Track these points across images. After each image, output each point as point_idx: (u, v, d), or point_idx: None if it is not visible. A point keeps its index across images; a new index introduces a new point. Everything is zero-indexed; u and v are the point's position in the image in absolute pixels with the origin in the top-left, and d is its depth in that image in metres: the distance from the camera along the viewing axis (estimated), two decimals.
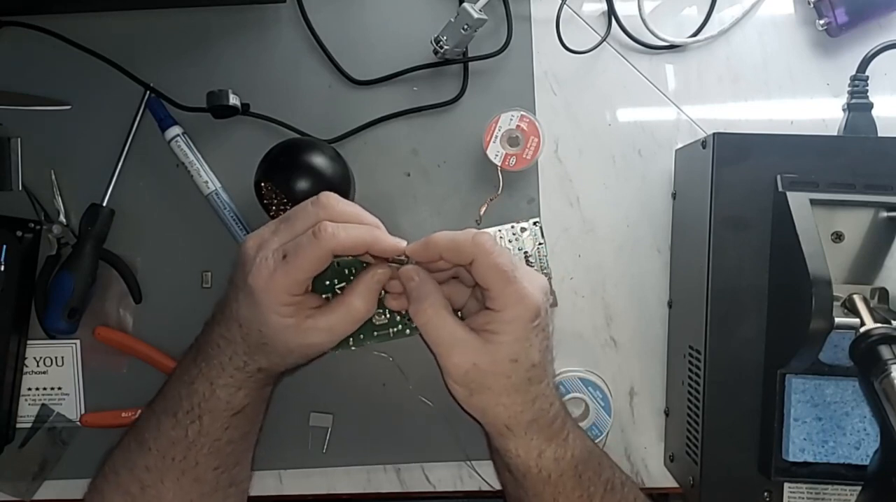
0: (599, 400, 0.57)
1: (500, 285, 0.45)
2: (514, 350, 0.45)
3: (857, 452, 0.49)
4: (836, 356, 0.50)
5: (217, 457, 0.49)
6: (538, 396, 0.47)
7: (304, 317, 0.46)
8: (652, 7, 0.61)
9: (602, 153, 0.61)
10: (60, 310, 0.57)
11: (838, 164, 0.51)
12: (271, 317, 0.46)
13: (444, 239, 0.46)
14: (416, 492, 0.61)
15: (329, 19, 0.60)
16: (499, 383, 0.46)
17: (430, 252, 0.47)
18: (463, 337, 0.46)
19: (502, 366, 0.45)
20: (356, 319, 0.48)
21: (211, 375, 0.48)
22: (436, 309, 0.46)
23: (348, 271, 0.59)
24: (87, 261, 0.58)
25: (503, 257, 0.46)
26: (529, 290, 0.46)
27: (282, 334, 0.46)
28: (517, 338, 0.45)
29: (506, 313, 0.45)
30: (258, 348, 0.47)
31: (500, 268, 0.45)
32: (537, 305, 0.46)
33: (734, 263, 0.51)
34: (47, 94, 0.60)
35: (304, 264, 0.45)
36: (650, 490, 0.62)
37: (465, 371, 0.46)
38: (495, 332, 0.45)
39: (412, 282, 0.47)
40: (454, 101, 0.60)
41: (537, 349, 0.46)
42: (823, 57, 0.61)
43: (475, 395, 0.46)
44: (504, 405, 0.46)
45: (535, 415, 0.47)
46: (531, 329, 0.46)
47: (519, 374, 0.46)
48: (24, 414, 0.60)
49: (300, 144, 0.56)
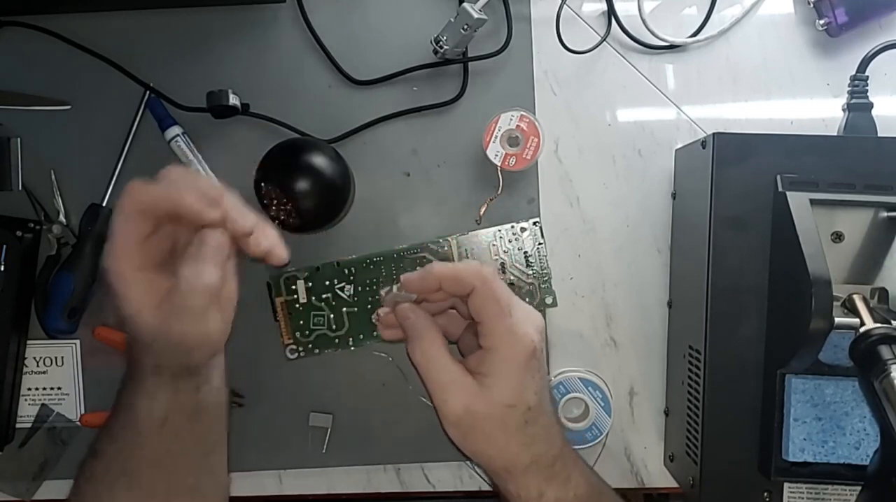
0: (599, 400, 0.57)
1: (493, 319, 0.44)
2: (508, 394, 0.44)
3: (857, 452, 0.49)
4: (836, 356, 0.50)
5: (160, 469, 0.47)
6: (536, 438, 0.46)
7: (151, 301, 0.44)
8: (652, 7, 0.61)
9: (602, 153, 0.61)
10: (61, 310, 0.57)
11: (838, 164, 0.51)
12: (122, 301, 0.43)
13: (445, 268, 0.46)
14: (416, 492, 0.61)
15: (329, 19, 0.60)
16: (494, 427, 0.45)
17: (429, 282, 0.46)
18: (458, 378, 0.45)
19: (497, 409, 0.44)
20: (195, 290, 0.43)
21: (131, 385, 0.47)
22: (433, 348, 0.45)
23: (348, 271, 0.60)
24: (87, 261, 0.58)
25: (502, 291, 0.45)
26: (523, 328, 0.45)
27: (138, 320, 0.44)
28: (511, 381, 0.44)
29: (499, 352, 0.44)
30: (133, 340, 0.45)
31: (496, 302, 0.44)
32: (532, 344, 0.45)
33: (734, 263, 0.51)
34: (47, 94, 0.60)
35: (123, 227, 0.43)
36: (650, 490, 0.62)
37: (458, 414, 0.44)
38: (489, 375, 0.44)
39: (408, 320, 0.47)
40: (454, 101, 0.60)
41: (533, 391, 0.45)
42: (823, 57, 0.61)
43: (470, 439, 0.45)
44: (500, 449, 0.45)
45: (534, 458, 0.46)
46: (526, 370, 0.45)
47: (515, 418, 0.45)
48: (24, 414, 0.60)
49: (300, 144, 0.56)
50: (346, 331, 0.60)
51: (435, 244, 0.60)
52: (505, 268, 0.60)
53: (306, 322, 0.60)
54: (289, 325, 0.60)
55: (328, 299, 0.60)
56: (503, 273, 0.60)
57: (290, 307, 0.59)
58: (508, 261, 0.60)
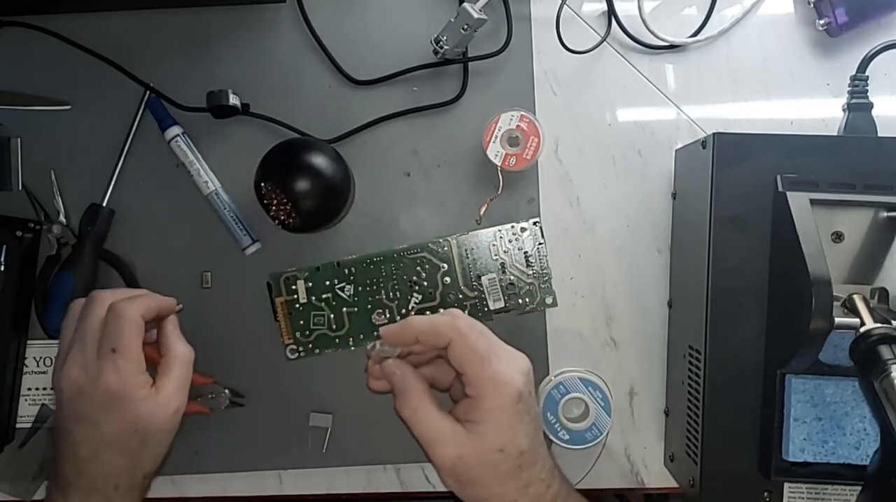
0: (599, 400, 0.57)
1: (475, 369, 0.45)
2: (498, 440, 0.45)
3: (857, 452, 0.49)
4: (836, 356, 0.50)
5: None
6: (531, 481, 0.46)
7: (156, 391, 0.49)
8: (652, 7, 0.61)
9: (602, 153, 0.61)
10: (61, 311, 0.57)
11: (838, 164, 0.51)
12: (139, 406, 0.47)
13: (422, 323, 0.46)
14: (416, 492, 0.61)
15: (329, 19, 0.60)
16: (487, 474, 0.45)
17: (407, 335, 0.47)
18: (446, 429, 0.45)
19: (489, 456, 0.45)
20: (189, 362, 0.52)
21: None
22: (418, 403, 0.46)
23: (348, 271, 0.60)
24: (87, 261, 0.58)
25: (480, 341, 0.45)
26: (507, 375, 0.45)
27: (155, 417, 0.48)
28: (500, 427, 0.45)
29: (485, 401, 0.45)
30: (140, 453, 0.48)
31: (475, 352, 0.45)
32: (517, 389, 0.45)
33: (734, 263, 0.51)
34: (47, 94, 0.60)
35: (131, 342, 0.48)
36: (650, 490, 0.62)
37: (451, 464, 0.45)
38: (478, 422, 0.45)
39: (394, 376, 0.47)
40: (454, 101, 0.60)
41: (524, 434, 0.45)
42: (823, 57, 0.61)
43: (466, 488, 0.46)
44: (497, 495, 0.45)
45: (532, 500, 0.46)
46: (514, 415, 0.45)
47: (507, 463, 0.45)
48: (24, 414, 0.60)
49: (300, 144, 0.56)
50: (346, 331, 0.60)
51: (435, 244, 0.60)
52: (505, 268, 0.60)
53: (306, 322, 0.60)
54: (289, 325, 0.60)
55: (328, 299, 0.60)
56: (503, 273, 0.60)
57: (290, 307, 0.59)
58: (508, 261, 0.60)
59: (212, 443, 0.60)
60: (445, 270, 0.60)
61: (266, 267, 0.60)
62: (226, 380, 0.59)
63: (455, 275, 0.60)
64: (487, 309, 0.60)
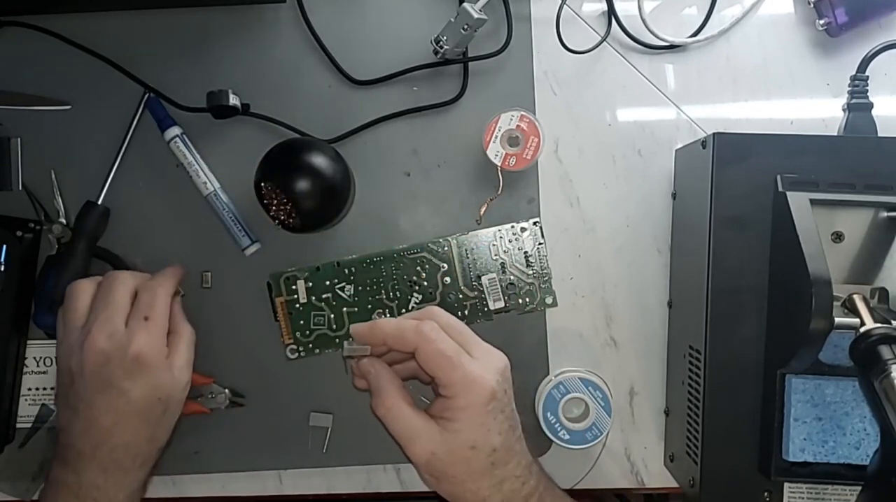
0: (599, 400, 0.57)
1: (444, 373, 0.45)
2: (470, 437, 0.45)
3: (857, 452, 0.49)
4: (836, 356, 0.50)
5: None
6: (505, 478, 0.47)
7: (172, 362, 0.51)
8: (652, 7, 0.61)
9: (602, 153, 0.61)
10: (43, 306, 0.57)
11: (838, 164, 0.51)
12: (165, 374, 0.50)
13: (389, 326, 0.47)
14: (416, 492, 0.61)
15: (329, 19, 0.60)
16: (460, 471, 0.46)
17: (375, 337, 0.48)
18: (420, 427, 0.46)
19: (461, 453, 0.46)
20: (194, 341, 0.55)
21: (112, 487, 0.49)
22: (392, 401, 0.47)
23: (348, 271, 0.60)
24: (78, 258, 0.57)
25: (446, 343, 0.46)
26: (478, 374, 0.45)
27: (174, 386, 0.51)
28: (472, 425, 0.45)
29: (457, 400, 0.45)
30: (160, 421, 0.50)
31: (443, 356, 0.45)
32: (490, 389, 0.45)
33: (734, 263, 0.51)
34: (47, 94, 0.60)
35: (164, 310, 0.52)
36: (650, 490, 0.62)
37: (426, 461, 0.46)
38: (451, 420, 0.46)
39: (369, 375, 0.48)
40: (454, 101, 0.60)
41: (497, 432, 0.46)
42: (823, 57, 0.61)
43: (441, 483, 0.47)
44: (471, 491, 0.47)
45: (506, 497, 0.47)
46: (486, 413, 0.45)
47: (480, 460, 0.46)
48: (24, 414, 0.60)
49: (300, 144, 0.56)
50: (346, 331, 0.60)
51: (435, 244, 0.60)
52: (505, 268, 0.60)
53: (306, 322, 0.60)
54: (289, 325, 0.59)
55: (328, 299, 0.60)
56: (503, 273, 0.60)
57: (290, 307, 0.59)
58: (508, 261, 0.60)
59: (212, 443, 0.60)
60: (445, 270, 0.60)
61: (266, 267, 0.60)
62: (226, 380, 0.59)
63: (455, 275, 0.60)
64: (487, 309, 0.60)
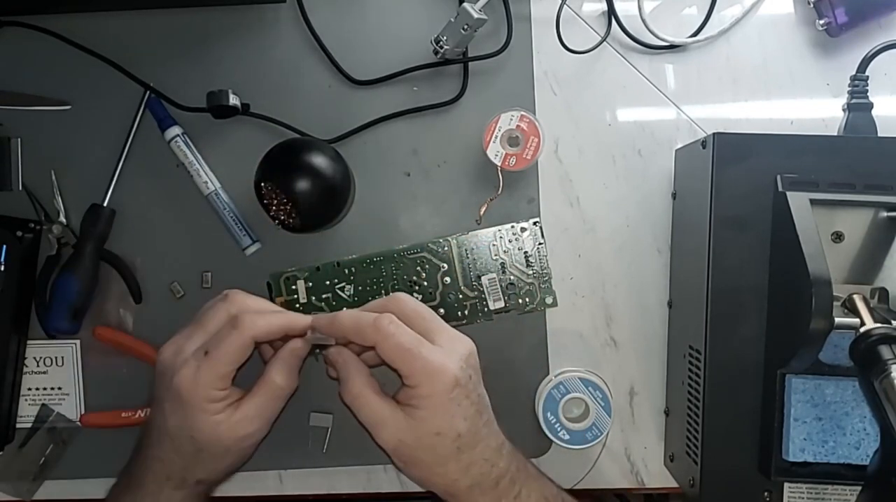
0: (599, 400, 0.57)
1: (405, 364, 0.46)
2: (435, 424, 0.46)
3: (857, 452, 0.49)
4: (836, 356, 0.50)
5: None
6: (473, 462, 0.47)
7: (231, 410, 0.47)
8: (652, 7, 0.61)
9: (602, 153, 0.61)
10: (65, 312, 0.57)
11: (838, 164, 0.51)
12: (200, 417, 0.46)
13: (348, 319, 0.47)
14: (416, 492, 0.61)
15: (329, 19, 0.60)
16: (427, 456, 0.47)
17: (336, 330, 0.48)
18: (387, 414, 0.47)
19: (427, 439, 0.46)
20: (281, 396, 0.49)
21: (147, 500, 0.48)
22: (359, 389, 0.48)
23: (348, 271, 0.60)
24: (88, 262, 0.58)
25: (404, 336, 0.46)
26: (439, 363, 0.46)
27: (214, 434, 0.47)
28: (436, 412, 0.46)
29: (420, 389, 0.46)
30: (194, 458, 0.48)
31: (402, 348, 0.46)
32: (452, 376, 0.46)
33: (734, 263, 0.51)
34: (47, 94, 0.60)
35: (226, 356, 0.46)
36: (650, 490, 0.62)
37: (393, 447, 0.47)
38: (416, 407, 0.46)
39: (336, 363, 0.49)
40: (454, 101, 0.60)
41: (462, 418, 0.46)
42: (823, 57, 0.61)
43: (410, 469, 0.48)
44: (439, 475, 0.47)
45: (475, 480, 0.47)
46: (450, 401, 0.46)
47: (446, 446, 0.46)
48: (24, 414, 0.60)
49: (300, 144, 0.56)
50: None
51: (435, 244, 0.60)
52: (505, 268, 0.60)
53: None
54: None
55: (328, 299, 0.60)
56: (503, 273, 0.60)
57: (290, 307, 0.59)
58: (508, 261, 0.60)
59: None
60: (445, 270, 0.60)
61: (266, 267, 0.60)
62: None
63: (455, 275, 0.60)
64: (487, 309, 0.60)
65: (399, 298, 0.49)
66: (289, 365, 0.49)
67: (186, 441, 0.47)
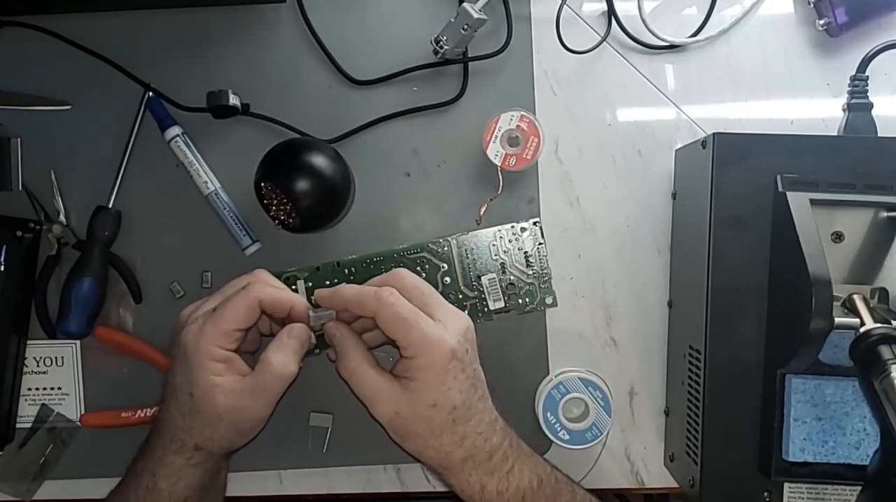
0: (599, 400, 0.57)
1: (403, 335, 0.47)
2: (431, 395, 0.47)
3: (857, 452, 0.49)
4: (836, 356, 0.50)
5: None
6: (467, 435, 0.48)
7: (231, 378, 0.48)
8: (652, 7, 0.61)
9: (602, 153, 0.61)
10: (84, 316, 0.57)
11: (838, 164, 0.51)
12: (200, 375, 0.47)
13: (350, 290, 0.49)
14: (416, 492, 0.61)
15: (329, 19, 0.60)
16: (422, 428, 0.47)
17: (337, 302, 0.49)
18: (384, 387, 0.47)
19: (422, 411, 0.47)
20: (277, 377, 0.48)
21: (152, 466, 0.49)
22: (356, 363, 0.48)
23: (348, 271, 0.60)
24: (98, 264, 0.58)
25: (403, 308, 0.47)
26: (436, 336, 0.46)
27: (210, 396, 0.47)
28: (432, 384, 0.47)
29: (417, 360, 0.46)
30: (191, 418, 0.48)
31: (400, 319, 0.46)
32: (449, 348, 0.47)
33: (734, 263, 0.51)
34: (47, 94, 0.60)
35: (231, 313, 0.47)
36: (650, 490, 0.62)
37: (389, 419, 0.47)
38: (412, 379, 0.47)
39: (334, 338, 0.50)
40: (454, 101, 0.60)
41: (457, 390, 0.47)
42: (823, 57, 0.61)
43: (406, 441, 0.48)
44: (433, 447, 0.48)
45: (468, 453, 0.48)
46: (446, 372, 0.47)
47: (441, 417, 0.47)
48: (24, 414, 0.60)
49: (300, 144, 0.56)
50: None
51: (435, 244, 0.60)
52: (505, 268, 0.60)
53: None
54: None
55: None
56: (503, 273, 0.60)
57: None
58: (508, 261, 0.60)
59: None
60: (445, 270, 0.60)
61: (266, 267, 0.59)
62: None
63: (455, 275, 0.60)
64: (487, 309, 0.60)
65: (400, 273, 0.50)
66: (287, 346, 0.49)
67: (186, 398, 0.48)
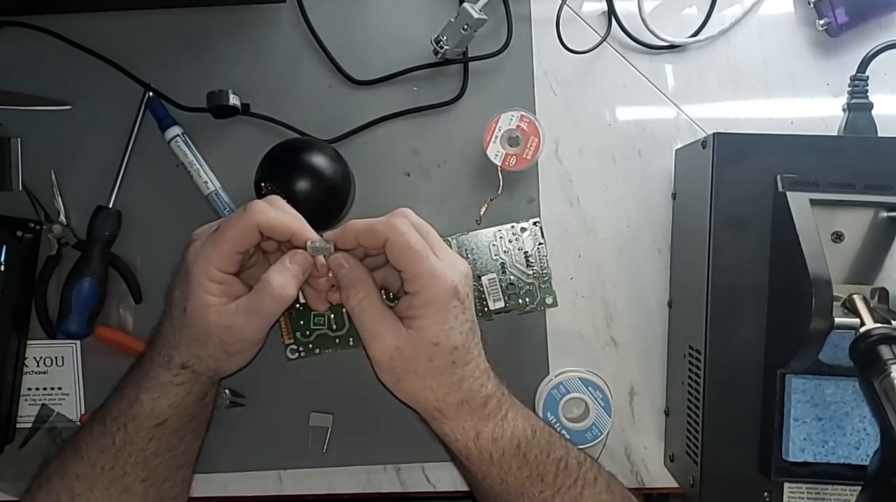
0: (599, 400, 0.57)
1: (411, 265, 0.46)
2: (433, 333, 0.46)
3: (857, 452, 0.49)
4: (836, 356, 0.50)
5: (144, 469, 0.49)
6: (465, 378, 0.48)
7: (226, 299, 0.47)
8: (652, 7, 0.61)
9: (602, 153, 0.61)
10: (86, 316, 0.58)
11: (838, 164, 0.51)
12: (196, 292, 0.46)
13: (360, 223, 0.48)
14: (416, 492, 0.61)
15: (329, 19, 0.60)
16: (422, 367, 0.47)
17: (348, 236, 0.48)
18: (389, 322, 0.47)
19: (424, 349, 0.46)
20: (273, 299, 0.47)
21: (138, 378, 0.49)
22: (364, 294, 0.47)
23: None
24: (98, 264, 0.58)
25: (415, 238, 0.46)
26: (442, 271, 0.46)
27: (203, 314, 0.46)
28: (435, 321, 0.46)
29: (422, 295, 0.46)
30: (181, 334, 0.48)
31: (411, 248, 0.46)
32: (453, 285, 0.46)
33: (734, 263, 0.51)
34: (47, 94, 0.60)
35: (230, 235, 0.46)
36: (650, 490, 0.62)
37: (389, 356, 0.46)
38: (415, 317, 0.46)
39: (342, 268, 0.48)
40: (454, 101, 0.60)
41: (458, 331, 0.47)
42: (823, 57, 0.61)
43: (402, 381, 0.47)
44: (431, 388, 0.47)
45: (465, 397, 0.48)
46: (448, 311, 0.46)
47: (442, 357, 0.47)
48: (24, 414, 0.60)
49: (300, 144, 0.56)
50: (346, 331, 0.60)
51: None
52: (505, 268, 0.60)
53: (306, 322, 0.60)
54: (289, 325, 0.59)
55: None
56: (503, 273, 0.60)
57: (290, 307, 0.59)
58: (508, 261, 0.60)
59: (212, 443, 0.59)
60: None
61: None
62: (226, 381, 0.59)
63: None
64: (487, 309, 0.60)
65: (404, 211, 0.49)
66: (288, 270, 0.47)
67: (180, 313, 0.48)
